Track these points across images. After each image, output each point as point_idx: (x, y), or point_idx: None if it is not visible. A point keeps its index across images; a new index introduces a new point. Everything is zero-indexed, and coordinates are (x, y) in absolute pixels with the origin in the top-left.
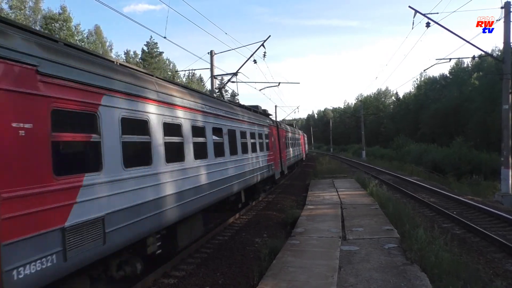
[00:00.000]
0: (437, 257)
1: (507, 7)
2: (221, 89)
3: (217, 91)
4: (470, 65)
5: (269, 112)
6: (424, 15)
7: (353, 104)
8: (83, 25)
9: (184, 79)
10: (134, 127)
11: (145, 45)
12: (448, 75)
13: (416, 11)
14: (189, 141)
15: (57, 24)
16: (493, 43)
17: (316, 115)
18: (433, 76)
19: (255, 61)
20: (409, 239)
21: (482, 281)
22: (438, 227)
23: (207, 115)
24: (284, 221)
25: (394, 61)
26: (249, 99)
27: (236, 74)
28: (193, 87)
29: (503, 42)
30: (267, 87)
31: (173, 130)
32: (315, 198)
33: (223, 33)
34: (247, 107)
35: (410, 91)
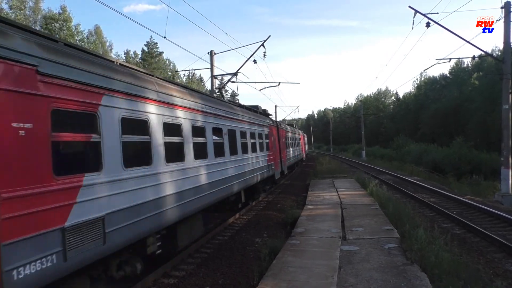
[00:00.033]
0: (437, 257)
1: (507, 7)
2: (221, 89)
3: (217, 91)
4: (470, 65)
5: (269, 112)
6: (424, 15)
7: (353, 104)
8: (83, 25)
9: (184, 79)
10: (134, 127)
11: (145, 45)
12: (448, 75)
13: (416, 11)
14: (189, 141)
15: (57, 24)
16: (493, 43)
17: (316, 115)
18: (433, 76)
19: (255, 61)
20: (409, 239)
21: (482, 281)
22: (438, 227)
23: (207, 115)
24: (284, 221)
25: (394, 61)
26: (249, 99)
27: (236, 74)
28: (193, 87)
29: (503, 42)
30: (267, 87)
31: (173, 130)
32: (315, 198)
33: (223, 33)
34: (247, 107)
35: (410, 91)
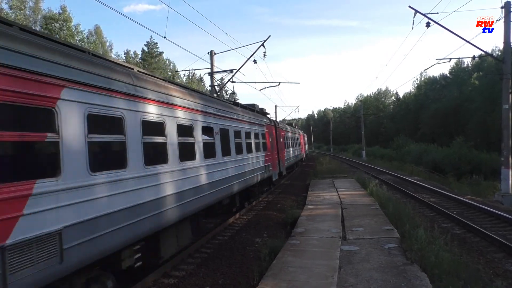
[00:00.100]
0: (437, 257)
1: (507, 7)
2: (222, 89)
3: (217, 90)
4: (470, 65)
5: (268, 111)
6: (424, 15)
7: (353, 104)
8: (83, 25)
9: (184, 79)
10: (104, 125)
11: (145, 45)
12: (448, 75)
13: (416, 11)
14: (174, 142)
15: (57, 24)
16: (493, 43)
17: (316, 115)
18: (433, 76)
19: (255, 61)
20: (409, 239)
21: (482, 281)
22: (438, 227)
23: (196, 112)
24: (284, 221)
25: (394, 61)
26: (250, 99)
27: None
28: (193, 87)
29: (503, 42)
30: (267, 87)
31: (155, 129)
32: (315, 198)
33: (223, 33)
34: (243, 106)
35: (410, 91)
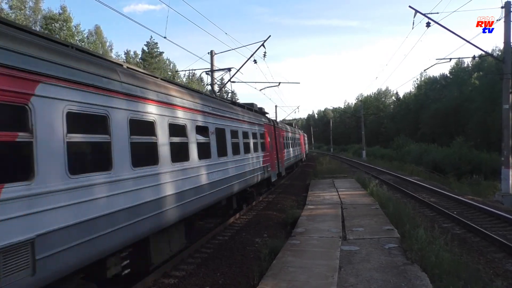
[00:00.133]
0: (437, 257)
1: (507, 7)
2: (222, 88)
3: (217, 89)
4: (470, 65)
5: (268, 111)
6: (424, 15)
7: (353, 104)
8: (83, 25)
9: (184, 79)
10: (87, 124)
11: (145, 45)
12: (448, 75)
13: (416, 11)
14: (165, 141)
15: (57, 24)
16: (493, 43)
17: (316, 115)
18: (433, 76)
19: (255, 61)
20: (410, 239)
21: (482, 281)
22: (438, 227)
23: (190, 111)
24: (284, 221)
25: (394, 61)
26: (250, 99)
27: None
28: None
29: (503, 42)
30: (267, 87)
31: (144, 128)
32: (315, 198)
33: (223, 33)
34: (240, 105)
35: (410, 91)
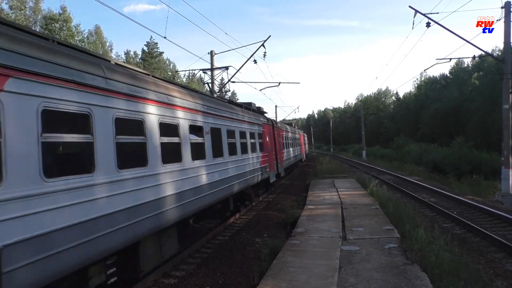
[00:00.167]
0: (437, 257)
1: (507, 7)
2: (221, 88)
3: (217, 89)
4: (470, 65)
5: (268, 111)
6: (424, 15)
7: (353, 104)
8: (83, 25)
9: (184, 79)
10: (65, 123)
11: (145, 45)
12: (448, 75)
13: (416, 11)
14: (156, 142)
15: (57, 24)
16: (493, 43)
17: (316, 115)
18: (433, 76)
19: (255, 61)
20: (410, 239)
21: (482, 281)
22: (438, 227)
23: (183, 110)
24: (284, 221)
25: (394, 61)
26: (250, 99)
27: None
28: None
29: (503, 42)
30: (267, 87)
31: (131, 127)
32: (315, 198)
33: (223, 33)
34: (238, 104)
35: (410, 91)
